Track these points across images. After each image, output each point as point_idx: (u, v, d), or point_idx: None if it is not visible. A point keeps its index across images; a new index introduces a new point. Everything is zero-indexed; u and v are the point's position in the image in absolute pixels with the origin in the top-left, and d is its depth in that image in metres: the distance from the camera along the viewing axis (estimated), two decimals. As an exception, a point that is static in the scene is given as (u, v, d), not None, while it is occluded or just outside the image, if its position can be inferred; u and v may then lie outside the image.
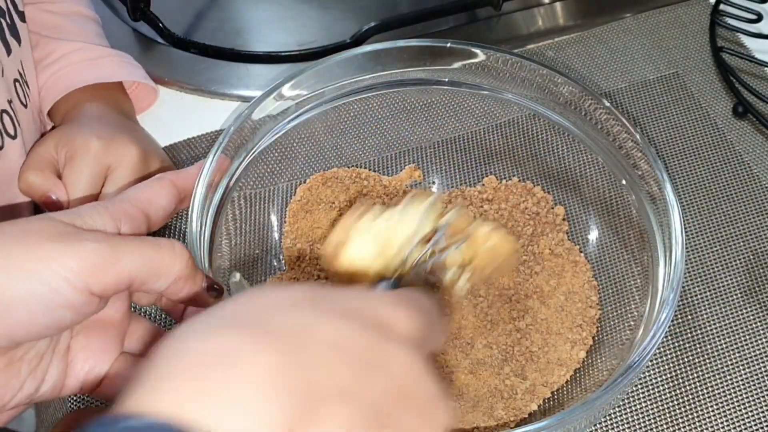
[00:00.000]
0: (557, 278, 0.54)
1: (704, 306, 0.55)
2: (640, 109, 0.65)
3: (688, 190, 0.60)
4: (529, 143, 0.58)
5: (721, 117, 0.65)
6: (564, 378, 0.50)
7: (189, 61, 0.67)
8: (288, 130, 0.54)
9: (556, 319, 0.52)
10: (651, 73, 0.68)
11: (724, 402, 0.51)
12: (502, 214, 0.57)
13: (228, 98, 0.66)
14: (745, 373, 0.52)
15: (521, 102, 0.55)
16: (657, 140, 0.63)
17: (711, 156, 0.62)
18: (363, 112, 0.58)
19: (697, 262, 0.57)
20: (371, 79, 0.55)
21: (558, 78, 0.52)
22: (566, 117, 0.54)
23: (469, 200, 0.58)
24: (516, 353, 0.51)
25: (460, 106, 0.59)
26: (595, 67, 0.68)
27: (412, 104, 0.59)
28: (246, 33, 0.71)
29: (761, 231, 0.58)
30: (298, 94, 0.53)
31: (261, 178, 0.54)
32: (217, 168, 0.47)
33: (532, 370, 0.50)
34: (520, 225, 0.56)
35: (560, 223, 0.56)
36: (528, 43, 0.70)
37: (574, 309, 0.52)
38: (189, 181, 0.44)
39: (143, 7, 0.67)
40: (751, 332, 0.53)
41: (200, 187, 0.45)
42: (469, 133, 0.60)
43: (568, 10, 0.73)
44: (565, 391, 0.50)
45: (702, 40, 0.70)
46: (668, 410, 0.50)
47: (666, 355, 0.52)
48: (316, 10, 0.72)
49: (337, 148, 0.58)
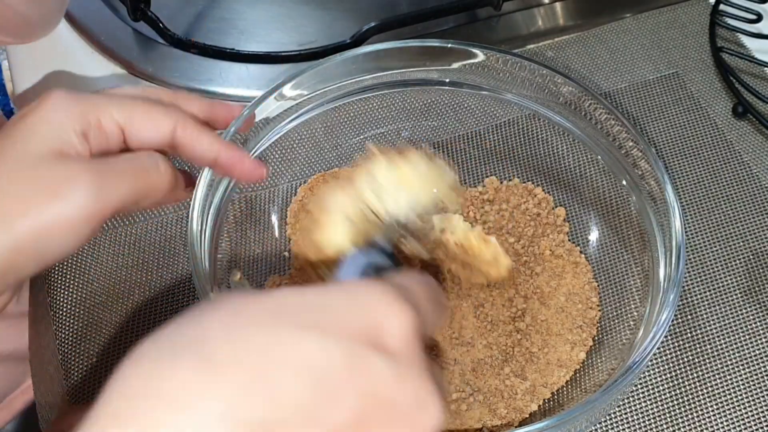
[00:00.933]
0: (558, 279, 0.54)
1: (704, 306, 0.55)
2: (639, 109, 0.65)
3: (688, 190, 0.61)
4: (529, 143, 0.59)
5: (721, 117, 0.65)
6: (564, 379, 0.50)
7: (189, 61, 0.67)
8: (288, 130, 0.54)
9: (556, 320, 0.52)
10: (651, 73, 0.68)
11: (724, 402, 0.51)
12: (503, 215, 0.57)
13: (228, 98, 0.66)
14: (745, 373, 0.52)
15: (521, 102, 0.55)
16: (657, 140, 0.63)
17: (711, 156, 0.62)
18: (363, 112, 0.58)
19: (696, 262, 0.57)
20: (372, 80, 0.55)
21: (558, 78, 0.52)
22: (566, 117, 0.54)
23: (470, 201, 0.58)
24: (516, 354, 0.51)
25: (461, 106, 0.59)
26: (595, 67, 0.68)
27: (412, 104, 0.59)
28: (246, 33, 0.71)
29: (761, 231, 0.58)
30: (298, 94, 0.53)
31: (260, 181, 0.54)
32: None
33: (532, 371, 0.50)
34: (521, 226, 0.56)
35: (561, 224, 0.56)
36: (528, 43, 0.70)
37: (575, 310, 0.52)
38: (192, 143, 0.39)
39: (143, 7, 0.67)
40: (751, 332, 0.53)
41: (201, 187, 0.45)
42: (470, 133, 0.60)
43: (568, 10, 0.73)
44: (566, 392, 0.50)
45: (702, 40, 0.70)
46: (668, 410, 0.50)
47: (666, 355, 0.52)
48: (316, 10, 0.72)
49: (337, 148, 0.58)
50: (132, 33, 0.69)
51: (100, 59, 0.67)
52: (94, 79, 0.67)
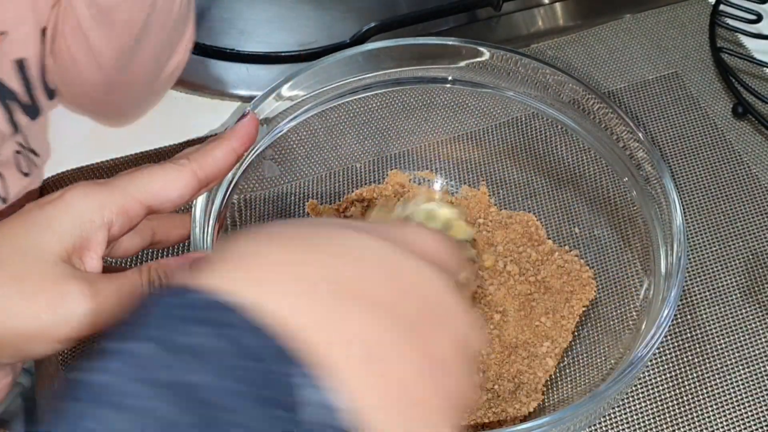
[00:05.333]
0: (557, 279, 0.54)
1: (704, 305, 0.55)
2: (639, 109, 0.65)
3: (688, 189, 0.61)
4: (530, 142, 0.59)
5: (721, 117, 0.65)
6: (563, 377, 0.50)
7: (189, 61, 0.67)
8: (288, 130, 0.54)
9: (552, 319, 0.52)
10: (650, 73, 0.68)
11: (724, 402, 0.51)
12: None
13: (228, 98, 0.66)
14: (744, 372, 0.52)
15: (523, 100, 0.55)
16: (656, 140, 0.63)
17: (710, 156, 0.63)
18: (363, 112, 0.58)
19: (696, 262, 0.57)
20: (371, 79, 0.55)
21: (560, 76, 0.52)
22: (568, 115, 0.54)
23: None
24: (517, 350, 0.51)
25: (461, 105, 0.59)
26: (595, 66, 0.68)
27: (412, 104, 0.59)
28: (246, 33, 0.71)
29: (761, 231, 0.58)
30: (297, 95, 0.53)
31: (261, 181, 0.54)
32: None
33: (532, 370, 0.50)
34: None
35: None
36: (528, 44, 0.70)
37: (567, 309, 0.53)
38: (213, 169, 0.40)
39: (143, 7, 0.67)
40: (751, 332, 0.54)
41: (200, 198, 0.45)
42: (470, 132, 0.60)
43: (568, 10, 0.73)
44: (565, 391, 0.50)
45: (701, 40, 0.70)
46: (668, 410, 0.50)
47: (666, 355, 0.53)
48: (316, 10, 0.72)
49: (336, 148, 0.58)
50: (132, 33, 0.69)
51: (100, 59, 0.67)
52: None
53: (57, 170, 0.61)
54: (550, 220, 0.57)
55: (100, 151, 0.62)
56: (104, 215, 0.36)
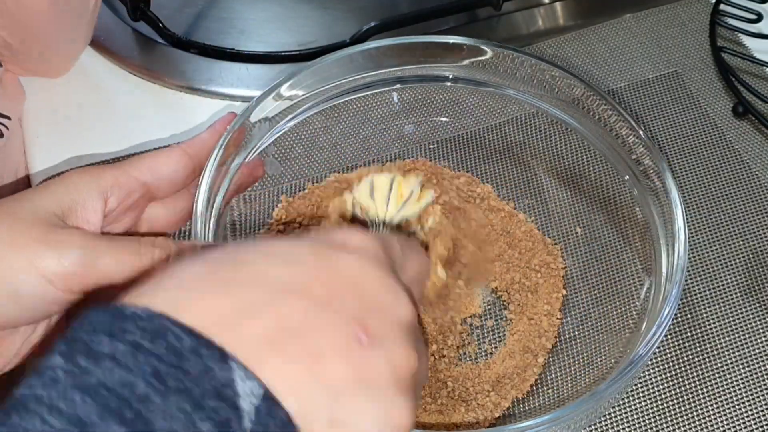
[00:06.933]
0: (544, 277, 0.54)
1: (704, 305, 0.55)
2: (639, 108, 0.65)
3: (688, 189, 0.61)
4: (531, 141, 0.59)
5: (721, 116, 0.65)
6: (563, 377, 0.50)
7: (189, 61, 0.67)
8: (287, 130, 0.54)
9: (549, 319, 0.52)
10: (650, 72, 0.68)
11: (724, 401, 0.51)
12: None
13: (228, 98, 0.66)
14: (745, 371, 0.52)
15: (524, 99, 0.55)
16: (656, 139, 0.63)
17: (710, 155, 0.62)
18: (363, 111, 0.58)
19: (696, 261, 0.57)
20: (371, 77, 0.55)
21: (561, 74, 0.52)
22: (569, 113, 0.54)
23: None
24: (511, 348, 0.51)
25: (462, 104, 0.59)
26: (594, 65, 0.68)
27: (412, 103, 0.59)
28: (246, 33, 0.71)
29: (761, 230, 0.58)
30: (297, 94, 0.53)
31: (261, 178, 0.54)
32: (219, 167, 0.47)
33: (532, 368, 0.50)
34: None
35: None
36: (528, 43, 0.70)
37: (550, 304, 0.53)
38: (201, 147, 0.43)
39: (143, 7, 0.67)
40: (751, 331, 0.53)
41: (202, 191, 0.45)
42: (471, 132, 0.60)
43: (568, 9, 0.73)
44: (565, 390, 0.50)
45: (701, 39, 0.70)
46: (668, 409, 0.50)
47: (666, 354, 0.53)
48: (316, 10, 0.72)
49: (336, 147, 0.58)
50: (132, 33, 0.69)
51: (100, 59, 0.67)
52: (93, 78, 0.67)
53: (56, 171, 0.61)
54: (551, 218, 0.57)
55: (100, 150, 0.62)
56: (100, 184, 0.37)
